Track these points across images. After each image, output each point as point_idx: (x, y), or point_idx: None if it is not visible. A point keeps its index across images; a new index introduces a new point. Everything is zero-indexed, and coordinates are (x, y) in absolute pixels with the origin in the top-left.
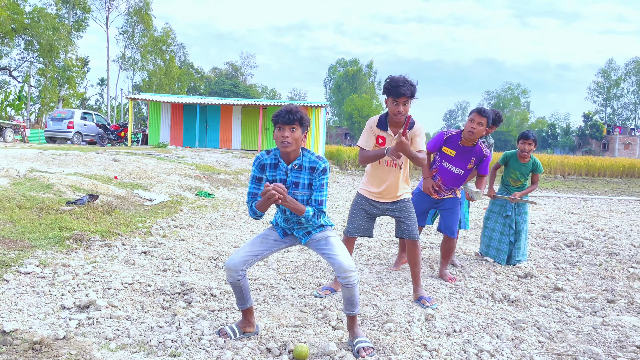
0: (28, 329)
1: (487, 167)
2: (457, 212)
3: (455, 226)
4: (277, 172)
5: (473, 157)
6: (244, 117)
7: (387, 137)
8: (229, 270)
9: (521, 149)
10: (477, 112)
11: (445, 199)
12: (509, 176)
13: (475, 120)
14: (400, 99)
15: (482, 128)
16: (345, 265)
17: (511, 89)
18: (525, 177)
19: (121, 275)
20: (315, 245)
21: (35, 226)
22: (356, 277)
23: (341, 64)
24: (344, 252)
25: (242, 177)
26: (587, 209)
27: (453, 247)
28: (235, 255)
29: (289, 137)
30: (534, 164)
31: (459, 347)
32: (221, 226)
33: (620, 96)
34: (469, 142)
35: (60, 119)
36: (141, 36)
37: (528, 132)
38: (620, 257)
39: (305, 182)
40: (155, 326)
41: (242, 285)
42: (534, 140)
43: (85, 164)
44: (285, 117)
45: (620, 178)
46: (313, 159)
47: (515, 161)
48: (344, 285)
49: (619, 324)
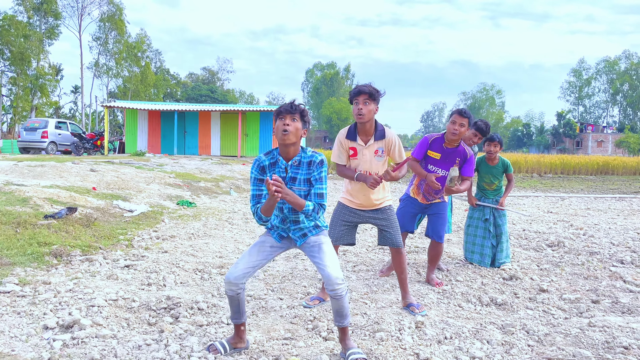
0: (11, 351)
1: (472, 169)
2: (444, 217)
3: (442, 231)
4: (276, 170)
5: (457, 158)
6: (223, 123)
7: (357, 146)
8: (230, 284)
9: (487, 151)
10: (458, 113)
11: (433, 203)
12: (483, 180)
13: (457, 121)
14: (360, 97)
15: (465, 129)
16: (333, 277)
17: (486, 89)
18: (498, 178)
19: (104, 292)
20: (309, 250)
21: (13, 242)
22: (344, 289)
23: (318, 67)
24: (334, 262)
25: (222, 185)
26: (565, 208)
27: (440, 252)
28: (234, 268)
29: (290, 125)
30: (504, 165)
31: (451, 355)
32: (204, 236)
33: (592, 95)
34: (452, 143)
35: (34, 129)
36: (115, 42)
37: (493, 134)
38: (601, 256)
39: (303, 177)
40: (143, 344)
41: (240, 298)
42: (499, 142)
43: (61, 175)
44: (286, 107)
45: (594, 175)
46: (310, 154)
47: (485, 165)
48: (332, 296)
49: (605, 325)
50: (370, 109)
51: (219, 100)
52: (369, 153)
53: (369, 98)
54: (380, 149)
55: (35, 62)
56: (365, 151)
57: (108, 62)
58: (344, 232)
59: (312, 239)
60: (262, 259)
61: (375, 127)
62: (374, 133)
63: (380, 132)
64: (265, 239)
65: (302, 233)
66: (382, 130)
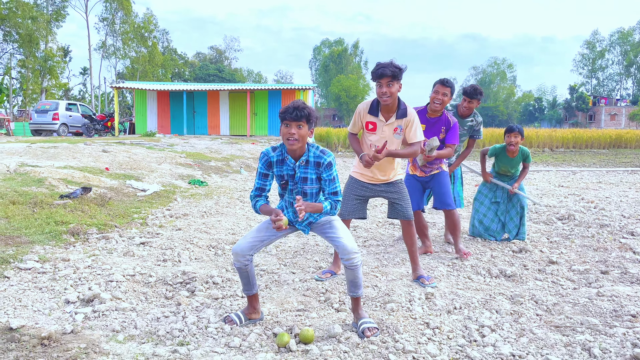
0: (35, 324)
1: (456, 136)
2: (446, 185)
3: (449, 198)
4: (284, 168)
5: (443, 127)
6: (232, 103)
7: (377, 122)
8: (237, 256)
9: (508, 142)
10: (441, 83)
11: (433, 176)
12: (500, 168)
13: (440, 91)
14: (383, 80)
15: (448, 98)
16: (349, 247)
17: (497, 63)
18: (516, 168)
19: (122, 267)
20: (320, 229)
21: (31, 221)
22: (359, 259)
23: (326, 44)
24: (347, 234)
25: (233, 164)
26: (577, 182)
27: (457, 219)
28: (242, 240)
29: (295, 134)
30: (523, 155)
31: (460, 324)
32: (217, 214)
33: (605, 67)
34: (435, 113)
35: (45, 111)
36: (122, 23)
37: (513, 125)
38: (612, 229)
39: (313, 176)
40: (161, 316)
41: (249, 270)
42: (519, 132)
43: (74, 156)
44: (292, 113)
45: (607, 149)
46: (317, 153)
47: (505, 156)
48: (348, 266)
49: (613, 294)
50: (394, 90)
51: (227, 79)
52: (388, 130)
53: (393, 79)
54: (399, 127)
55: (43, 44)
56: (385, 128)
57: (115, 43)
58: (356, 206)
59: (320, 220)
60: (270, 234)
61: (399, 105)
62: (397, 111)
63: (402, 110)
64: None
65: (308, 222)
66: (404, 109)
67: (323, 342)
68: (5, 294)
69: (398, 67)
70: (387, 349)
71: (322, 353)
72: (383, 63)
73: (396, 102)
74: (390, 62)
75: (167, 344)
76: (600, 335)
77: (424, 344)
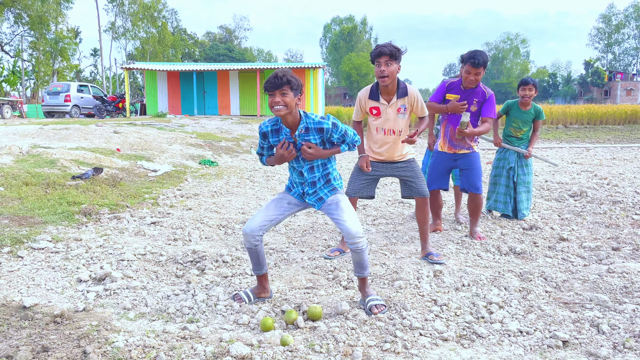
0: (47, 303)
1: (492, 109)
2: (478, 168)
3: (479, 182)
4: (280, 138)
5: (475, 98)
6: (242, 82)
7: (380, 106)
8: (247, 236)
9: (521, 95)
10: (472, 65)
11: (463, 155)
12: (511, 125)
13: (472, 72)
14: (381, 58)
15: (480, 77)
16: (353, 231)
17: (510, 39)
18: (527, 125)
19: (133, 247)
20: (327, 209)
21: (44, 202)
22: (364, 242)
23: (336, 22)
24: (353, 217)
25: (243, 144)
26: (590, 158)
27: (480, 203)
28: (251, 221)
29: (280, 101)
30: (536, 111)
31: (468, 301)
32: (227, 194)
33: (621, 41)
34: (470, 85)
35: (57, 93)
36: (130, 3)
37: (527, 78)
38: (624, 205)
39: (317, 141)
40: (172, 294)
41: (259, 250)
42: (534, 85)
43: (86, 137)
44: (272, 82)
45: (622, 125)
46: (317, 120)
47: (517, 110)
48: (353, 250)
49: (624, 271)
50: (392, 70)
51: (237, 59)
52: (392, 111)
53: (391, 58)
54: (403, 107)
55: (53, 26)
56: (388, 110)
57: (125, 23)
58: (363, 185)
59: (329, 199)
60: (279, 214)
61: (398, 85)
62: (397, 91)
63: (402, 89)
64: (284, 196)
65: (318, 197)
66: (404, 87)
67: (330, 319)
68: (19, 273)
69: (396, 47)
70: (394, 325)
71: (329, 330)
72: (381, 44)
73: (395, 83)
74: (388, 43)
75: (177, 321)
76: (609, 311)
77: (431, 321)
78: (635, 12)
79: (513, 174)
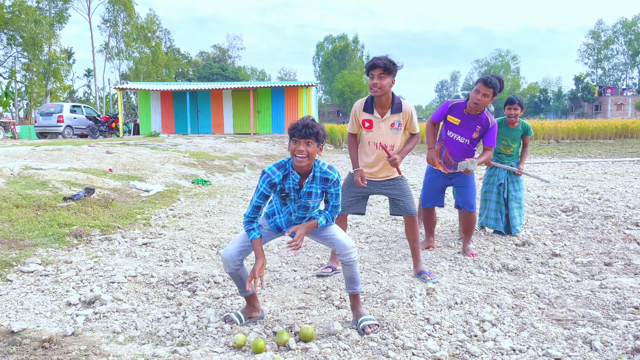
0: (36, 327)
1: (494, 139)
2: (472, 187)
3: (473, 200)
4: (288, 182)
5: (478, 126)
6: (235, 101)
7: (373, 119)
8: (226, 261)
9: (508, 115)
10: (483, 83)
11: (459, 174)
12: (500, 143)
13: (481, 91)
14: (374, 71)
15: (488, 99)
16: (346, 243)
17: (501, 55)
18: (516, 142)
19: (124, 269)
20: (313, 233)
21: (34, 224)
22: (356, 255)
23: (329, 40)
24: (341, 231)
25: (236, 162)
26: (582, 173)
27: (474, 221)
28: (230, 246)
29: (304, 151)
30: (524, 127)
31: (460, 319)
32: (220, 213)
33: (610, 57)
34: (474, 110)
35: (50, 114)
36: (124, 24)
37: (512, 97)
38: (616, 220)
39: (318, 191)
40: (162, 317)
41: (241, 274)
42: (519, 104)
43: (78, 158)
44: (301, 131)
45: (613, 139)
46: (324, 169)
47: (505, 127)
48: (345, 263)
49: (616, 286)
50: (385, 83)
51: (231, 78)
52: (385, 126)
53: (385, 72)
54: (397, 122)
55: (47, 47)
56: (381, 124)
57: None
58: (352, 201)
59: None
60: None
61: (392, 100)
62: (391, 106)
63: (397, 105)
64: (263, 222)
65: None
66: (399, 103)
67: (323, 340)
68: (8, 297)
69: (392, 61)
70: (387, 345)
71: (321, 351)
72: (377, 57)
73: (390, 97)
74: (384, 56)
75: (167, 345)
76: (602, 328)
77: (424, 340)
78: (624, 28)
79: (503, 190)
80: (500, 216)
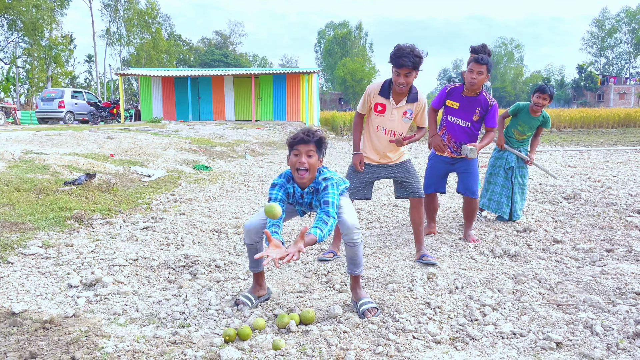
0: (37, 309)
1: (495, 119)
2: (475, 173)
3: (475, 186)
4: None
5: (477, 107)
6: (236, 88)
7: (387, 104)
8: (249, 232)
9: (535, 102)
10: (475, 61)
11: (461, 159)
12: (516, 128)
13: (475, 70)
14: (402, 70)
15: (483, 77)
16: (350, 223)
17: (505, 44)
18: (532, 130)
19: (125, 252)
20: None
21: (35, 208)
22: (360, 236)
23: (331, 27)
24: (350, 210)
25: (238, 149)
26: (584, 161)
27: (476, 207)
28: (255, 217)
29: (305, 164)
30: (544, 119)
31: (461, 303)
32: (221, 198)
33: (614, 46)
34: (471, 92)
35: (51, 99)
36: (125, 9)
37: (545, 85)
38: (618, 207)
39: (317, 203)
40: (163, 299)
41: (259, 248)
42: (550, 95)
43: (79, 143)
44: (301, 137)
45: (615, 128)
46: (319, 180)
47: (527, 114)
48: (348, 243)
49: (617, 272)
50: (411, 80)
51: (232, 64)
52: (397, 113)
53: (412, 70)
54: (409, 111)
55: (47, 32)
56: (395, 111)
57: (119, 29)
58: (359, 187)
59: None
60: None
61: (410, 89)
62: (408, 95)
63: (414, 94)
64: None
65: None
66: (415, 93)
67: (323, 323)
68: (9, 279)
69: (419, 56)
70: (387, 328)
71: (322, 333)
72: (404, 50)
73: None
74: (411, 50)
75: (167, 326)
76: (603, 312)
77: (425, 324)
78: (628, 16)
79: (511, 174)
80: (505, 200)
